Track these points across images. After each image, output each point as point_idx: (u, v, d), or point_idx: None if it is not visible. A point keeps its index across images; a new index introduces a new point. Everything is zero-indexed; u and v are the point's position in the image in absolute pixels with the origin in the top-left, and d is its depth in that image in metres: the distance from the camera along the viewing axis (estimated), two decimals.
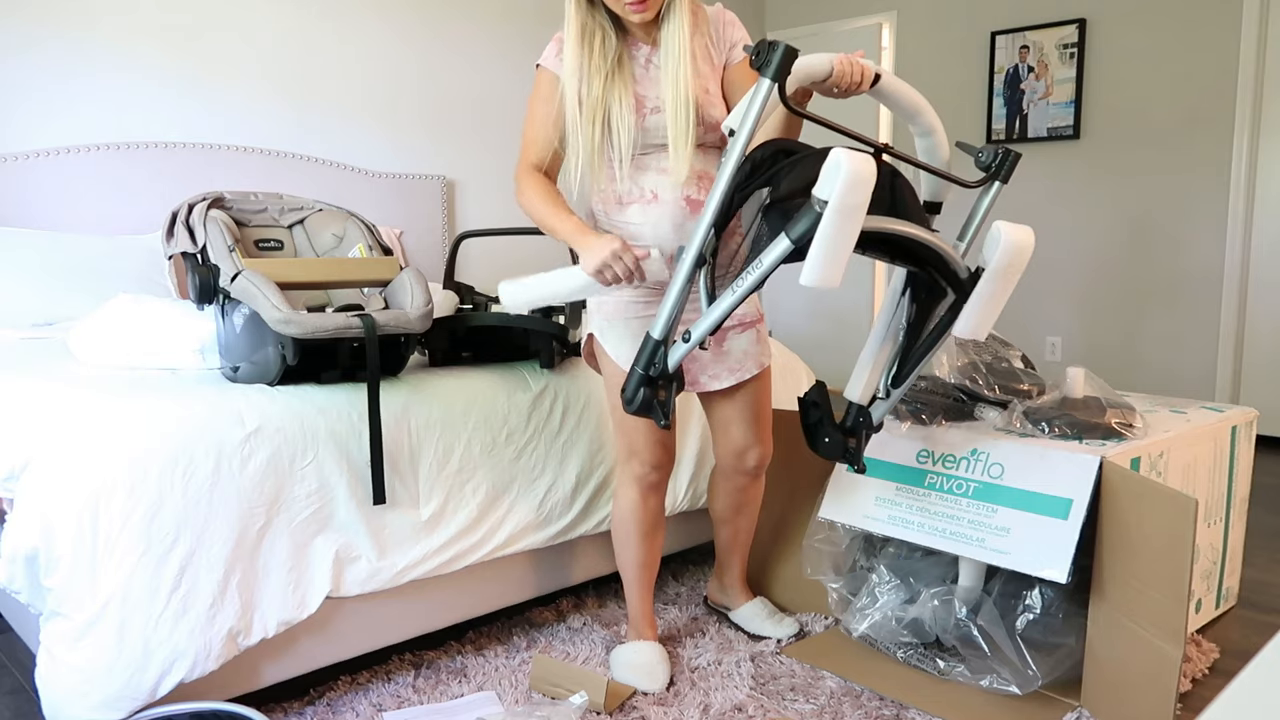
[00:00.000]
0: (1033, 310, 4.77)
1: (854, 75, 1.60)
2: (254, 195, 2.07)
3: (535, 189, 1.81)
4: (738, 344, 1.96)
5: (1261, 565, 2.63)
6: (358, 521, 1.79)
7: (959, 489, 1.91)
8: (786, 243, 1.47)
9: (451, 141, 4.36)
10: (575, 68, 1.75)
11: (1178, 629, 1.58)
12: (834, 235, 1.40)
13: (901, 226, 1.53)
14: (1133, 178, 4.39)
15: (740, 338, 1.96)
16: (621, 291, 1.87)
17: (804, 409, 1.83)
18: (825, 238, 1.40)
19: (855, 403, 1.82)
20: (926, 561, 2.12)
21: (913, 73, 5.09)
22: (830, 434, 1.81)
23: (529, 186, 1.82)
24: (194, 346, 1.96)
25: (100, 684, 1.51)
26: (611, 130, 1.77)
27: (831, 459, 1.84)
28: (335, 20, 3.91)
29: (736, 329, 1.96)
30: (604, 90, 1.75)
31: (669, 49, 1.76)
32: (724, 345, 1.95)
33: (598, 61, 1.75)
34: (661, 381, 1.66)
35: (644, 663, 1.92)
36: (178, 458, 1.59)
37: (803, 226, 1.44)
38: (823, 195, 1.40)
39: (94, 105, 3.29)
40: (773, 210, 1.57)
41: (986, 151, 1.71)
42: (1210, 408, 2.24)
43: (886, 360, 1.81)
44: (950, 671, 1.94)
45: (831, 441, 1.81)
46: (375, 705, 1.84)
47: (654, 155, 1.81)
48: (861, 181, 1.38)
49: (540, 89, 1.83)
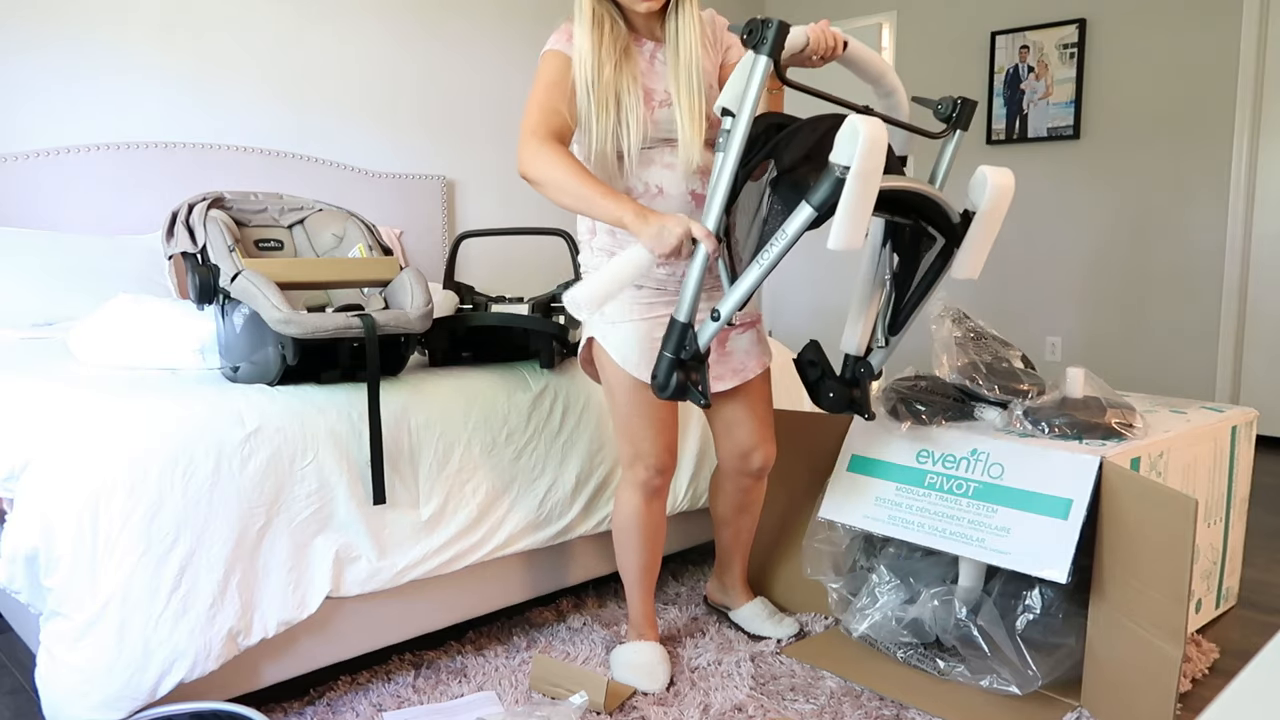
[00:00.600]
0: (1033, 310, 4.77)
1: (828, 41, 1.69)
2: (254, 195, 2.07)
3: (563, 159, 1.68)
4: (740, 344, 1.96)
5: (1261, 565, 2.63)
6: (358, 521, 1.79)
7: (959, 489, 1.91)
8: (809, 210, 1.50)
9: (451, 141, 4.36)
10: (587, 51, 1.74)
11: (1178, 629, 1.58)
12: (857, 199, 1.46)
13: (910, 184, 1.60)
14: (1133, 178, 4.39)
15: (742, 338, 1.97)
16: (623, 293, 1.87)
17: (802, 369, 1.89)
18: (849, 202, 1.46)
19: (852, 354, 1.88)
20: (926, 561, 2.12)
21: (913, 73, 5.09)
22: (834, 388, 1.86)
23: (554, 155, 1.68)
24: (194, 346, 1.96)
25: (100, 684, 1.51)
26: (622, 120, 1.76)
27: (838, 411, 1.89)
28: (335, 20, 3.91)
29: (738, 329, 1.96)
30: (615, 76, 1.74)
31: (682, 39, 1.78)
32: (726, 346, 1.95)
33: (608, 47, 1.74)
34: (693, 364, 1.69)
35: (644, 663, 1.92)
36: (178, 458, 1.59)
37: (824, 192, 1.48)
38: (842, 161, 1.45)
39: (94, 105, 3.29)
40: (781, 183, 1.60)
41: (945, 103, 1.79)
42: (1210, 408, 2.24)
43: (879, 310, 1.87)
44: (950, 672, 1.94)
45: (836, 395, 1.86)
46: (375, 705, 1.84)
47: (659, 150, 1.81)
48: (879, 146, 1.45)
49: (549, 72, 1.76)
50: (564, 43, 1.78)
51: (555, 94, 1.75)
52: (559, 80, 1.76)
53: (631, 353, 1.84)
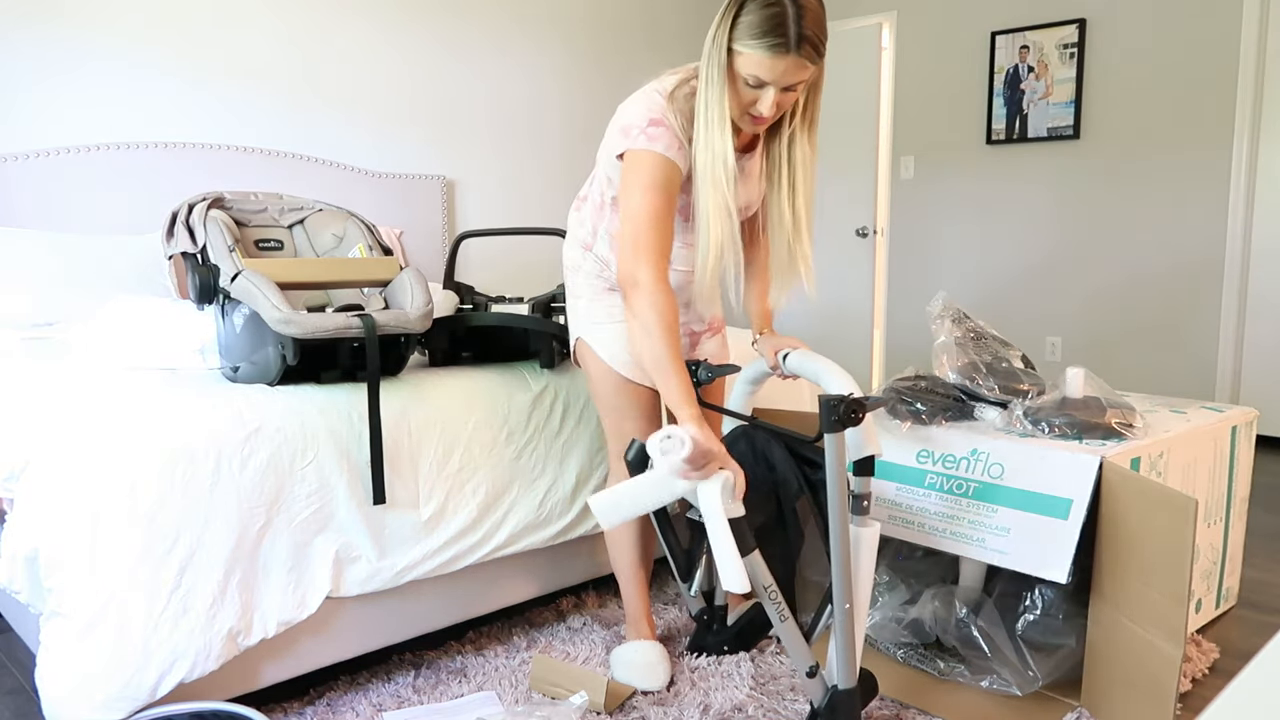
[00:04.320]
0: (1033, 310, 4.77)
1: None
2: (254, 195, 2.07)
3: (665, 312, 1.63)
4: (708, 348, 2.06)
5: (1261, 565, 2.63)
6: (358, 521, 1.79)
7: (959, 489, 1.91)
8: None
9: (451, 141, 4.36)
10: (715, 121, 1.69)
11: (1178, 629, 1.58)
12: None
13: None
14: (1133, 178, 4.39)
15: (710, 342, 2.06)
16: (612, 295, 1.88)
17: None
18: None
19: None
20: (926, 561, 2.12)
21: (913, 73, 5.09)
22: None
23: (660, 303, 1.64)
24: (194, 346, 1.96)
25: (100, 684, 1.51)
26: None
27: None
28: (335, 20, 3.91)
29: (707, 333, 2.06)
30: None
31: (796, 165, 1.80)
32: (697, 350, 2.04)
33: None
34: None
35: (644, 662, 1.92)
36: (178, 458, 1.59)
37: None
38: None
39: (94, 105, 3.29)
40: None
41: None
42: (1210, 408, 2.24)
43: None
44: (950, 672, 1.94)
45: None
46: (375, 705, 1.84)
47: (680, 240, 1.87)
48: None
49: (656, 173, 1.68)
50: (675, 150, 1.70)
51: (668, 209, 1.69)
52: (668, 188, 1.69)
53: (620, 351, 1.87)
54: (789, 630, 1.60)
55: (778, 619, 1.59)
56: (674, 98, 1.71)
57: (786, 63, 1.61)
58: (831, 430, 1.53)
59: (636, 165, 1.69)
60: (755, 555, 1.56)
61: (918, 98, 5.09)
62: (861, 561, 1.63)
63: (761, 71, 1.62)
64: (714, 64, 1.66)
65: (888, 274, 5.34)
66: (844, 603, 1.59)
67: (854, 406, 1.52)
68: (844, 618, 1.60)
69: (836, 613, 1.60)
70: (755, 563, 1.57)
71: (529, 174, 4.68)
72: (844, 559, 1.58)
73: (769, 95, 1.65)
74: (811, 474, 1.72)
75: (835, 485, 1.55)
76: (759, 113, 1.68)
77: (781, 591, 1.64)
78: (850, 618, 1.60)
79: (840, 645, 1.61)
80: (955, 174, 4.98)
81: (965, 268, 5.00)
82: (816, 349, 5.64)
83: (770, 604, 1.59)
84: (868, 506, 1.63)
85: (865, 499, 1.63)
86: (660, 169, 1.68)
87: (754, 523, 1.69)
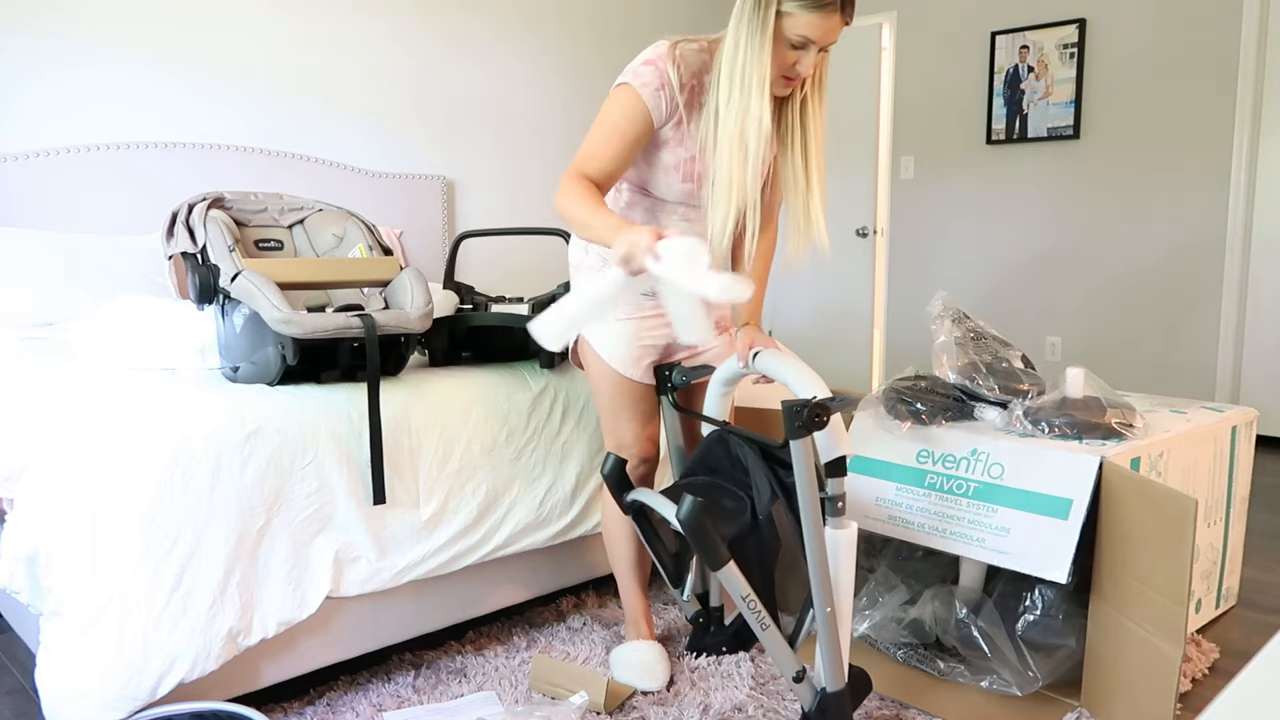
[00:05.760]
0: (1033, 310, 4.77)
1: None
2: (254, 195, 2.07)
3: (577, 190, 1.65)
4: (713, 350, 2.03)
5: (1261, 565, 2.63)
6: (358, 521, 1.79)
7: (959, 489, 1.91)
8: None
9: (451, 141, 4.36)
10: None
11: (1178, 629, 1.58)
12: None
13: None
14: (1133, 177, 4.39)
15: (716, 340, 2.04)
16: None
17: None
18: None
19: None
20: (926, 562, 2.13)
21: (913, 73, 5.09)
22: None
23: (574, 188, 1.66)
24: (194, 346, 1.96)
25: (100, 684, 1.51)
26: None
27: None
28: (335, 20, 3.91)
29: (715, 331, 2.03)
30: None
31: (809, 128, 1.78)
32: (697, 350, 2.01)
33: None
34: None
35: (644, 661, 1.92)
36: (178, 457, 1.59)
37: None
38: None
39: (94, 105, 3.29)
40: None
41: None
42: (1210, 408, 2.24)
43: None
44: (950, 672, 1.94)
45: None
46: (375, 705, 1.84)
47: (683, 208, 1.86)
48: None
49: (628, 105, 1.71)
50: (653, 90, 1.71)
51: (629, 140, 1.72)
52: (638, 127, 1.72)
53: (619, 349, 1.87)
54: (772, 638, 1.59)
55: (759, 628, 1.59)
56: (678, 47, 1.72)
57: (833, 21, 1.65)
58: (796, 436, 1.51)
59: (614, 96, 1.73)
60: (730, 566, 1.55)
61: (918, 98, 5.09)
62: (841, 563, 1.62)
63: (810, 31, 1.64)
64: (754, 28, 1.65)
65: (888, 274, 5.33)
66: (825, 606, 1.58)
67: (818, 410, 1.49)
68: (826, 621, 1.59)
69: (819, 617, 1.59)
70: (731, 573, 1.56)
71: (529, 174, 4.68)
72: (821, 563, 1.57)
73: (810, 55, 1.67)
74: (786, 477, 1.71)
75: (805, 490, 1.54)
76: (798, 73, 1.69)
77: (761, 598, 1.63)
78: (833, 620, 1.59)
79: (825, 649, 1.60)
80: (955, 174, 4.98)
81: (965, 267, 5.00)
82: (816, 349, 5.64)
83: (750, 613, 1.58)
84: (843, 508, 1.62)
85: (840, 500, 1.61)
86: (634, 104, 1.70)
87: (727, 533, 1.67)
